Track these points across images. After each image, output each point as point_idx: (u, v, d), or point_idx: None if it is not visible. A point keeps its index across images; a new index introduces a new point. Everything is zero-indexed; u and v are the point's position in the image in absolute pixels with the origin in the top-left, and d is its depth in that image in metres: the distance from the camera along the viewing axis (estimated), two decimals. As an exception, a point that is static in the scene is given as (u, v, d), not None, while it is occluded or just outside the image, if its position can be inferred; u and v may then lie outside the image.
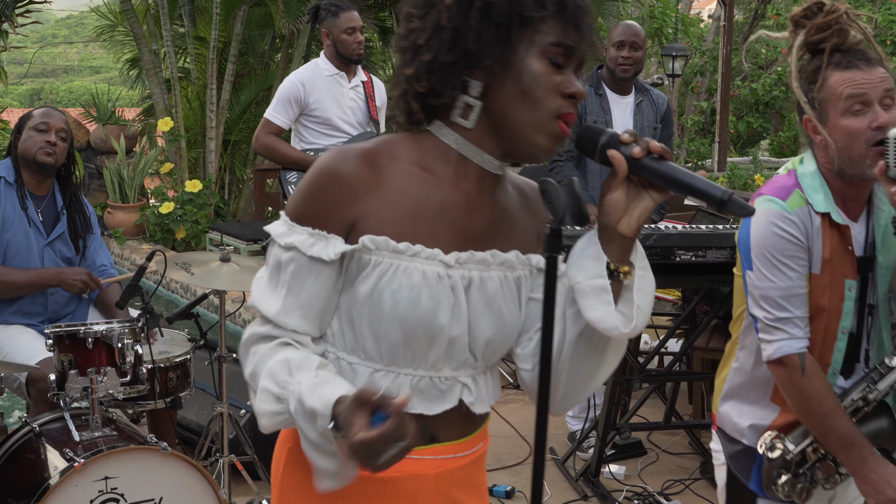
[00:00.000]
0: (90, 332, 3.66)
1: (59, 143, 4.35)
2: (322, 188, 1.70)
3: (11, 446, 3.64)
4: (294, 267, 1.70)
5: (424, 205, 1.73)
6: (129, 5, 12.30)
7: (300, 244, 1.69)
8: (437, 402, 1.78)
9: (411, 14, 1.72)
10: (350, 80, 5.50)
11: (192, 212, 10.81)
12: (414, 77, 1.70)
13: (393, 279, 1.68)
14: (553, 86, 1.66)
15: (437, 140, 1.75)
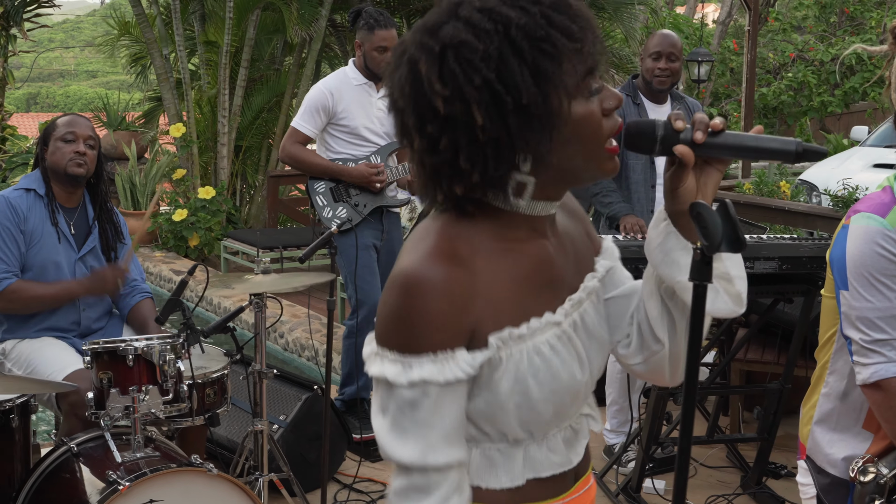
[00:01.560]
0: (130, 349, 3.55)
1: (88, 152, 4.23)
2: (425, 311, 1.51)
3: (48, 467, 3.54)
4: (429, 401, 1.52)
5: (520, 279, 1.61)
6: (140, 10, 12.23)
7: (430, 376, 1.50)
8: (579, 444, 1.73)
9: (428, 131, 1.53)
10: (378, 90, 5.41)
11: (205, 219, 10.72)
12: (468, 191, 1.55)
13: (530, 365, 1.58)
14: (598, 117, 1.56)
15: (497, 209, 1.61)
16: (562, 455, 1.68)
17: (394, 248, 5.55)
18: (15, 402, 3.60)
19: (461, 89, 1.48)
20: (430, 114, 1.51)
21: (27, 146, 12.26)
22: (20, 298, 4.12)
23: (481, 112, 1.48)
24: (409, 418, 1.52)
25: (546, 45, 1.48)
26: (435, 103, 1.50)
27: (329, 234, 4.32)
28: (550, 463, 1.66)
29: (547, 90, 1.48)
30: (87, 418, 3.69)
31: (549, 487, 1.69)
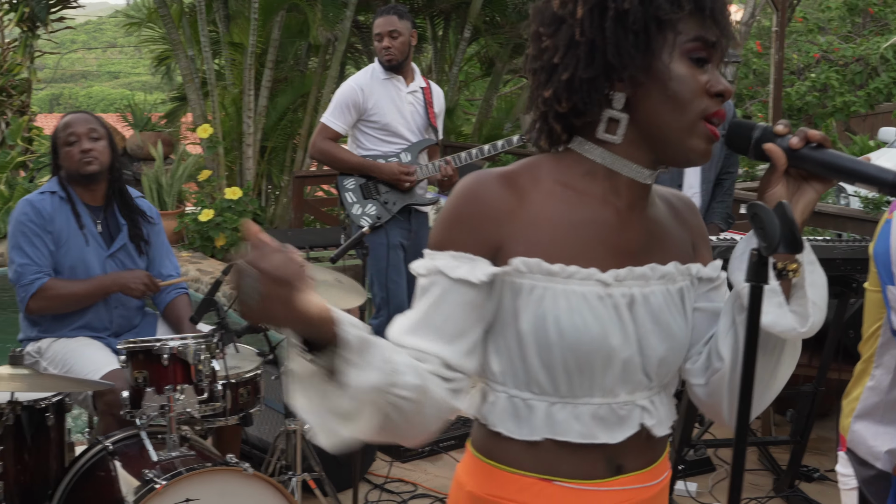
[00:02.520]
0: (165, 348, 3.56)
1: (94, 146, 4.23)
2: (463, 212, 1.63)
3: (84, 465, 3.55)
4: (437, 290, 1.61)
5: (573, 224, 1.63)
6: (165, 11, 12.27)
7: (444, 267, 1.60)
8: (619, 429, 1.68)
9: (540, 32, 1.64)
10: (408, 85, 5.41)
11: (231, 219, 10.72)
12: (553, 98, 1.61)
13: (553, 304, 1.59)
14: (699, 86, 1.58)
15: (580, 157, 1.67)
16: (585, 427, 1.65)
17: (421, 248, 5.51)
18: (51, 400, 3.61)
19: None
20: (549, 18, 1.63)
21: (54, 146, 12.30)
22: (55, 296, 4.14)
23: (584, 9, 1.57)
24: (415, 306, 1.64)
25: None
26: (552, 4, 1.62)
27: (361, 235, 4.32)
28: (570, 428, 1.64)
29: (649, 14, 1.55)
30: (122, 417, 3.70)
31: (573, 464, 1.66)
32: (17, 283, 4.15)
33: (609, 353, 1.62)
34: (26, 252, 4.12)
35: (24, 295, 4.13)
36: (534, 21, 1.66)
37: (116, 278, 4.23)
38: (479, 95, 17.82)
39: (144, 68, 61.96)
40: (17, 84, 13.01)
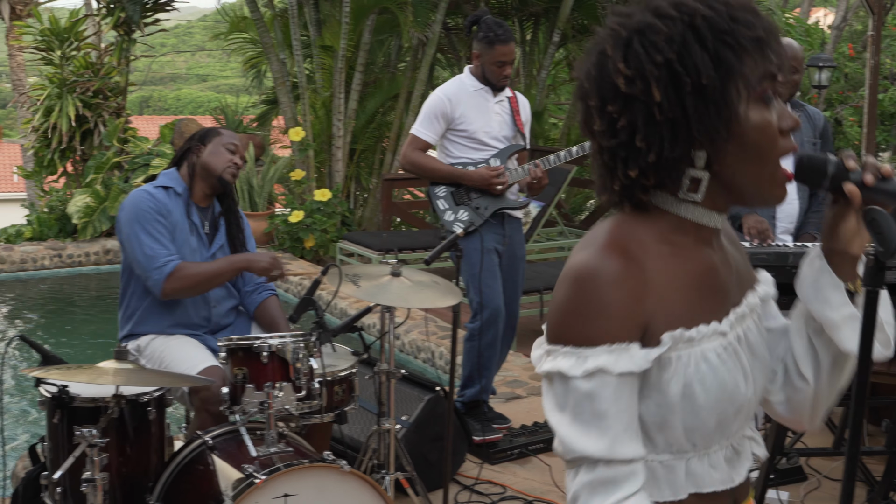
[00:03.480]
0: (265, 346, 3.62)
1: (241, 165, 4.45)
2: (598, 301, 1.53)
3: (184, 459, 3.62)
4: (608, 392, 1.52)
5: (688, 283, 1.62)
6: (258, 14, 12.44)
7: (606, 366, 1.52)
8: (741, 465, 1.70)
9: (609, 110, 1.57)
10: (496, 95, 5.43)
11: (321, 220, 10.85)
12: (641, 176, 1.58)
13: (696, 370, 1.58)
14: (775, 130, 1.57)
15: (665, 213, 1.64)
16: (723, 472, 1.66)
17: (515, 253, 5.56)
18: (152, 395, 3.70)
19: (643, 68, 1.53)
20: (612, 94, 1.57)
21: (147, 148, 12.54)
22: (188, 276, 4.22)
23: (660, 90, 1.53)
24: (588, 411, 1.53)
25: (728, 38, 1.52)
26: (617, 82, 1.55)
27: (455, 237, 4.36)
28: (711, 479, 1.65)
29: (725, 78, 1.52)
30: (219, 413, 3.77)
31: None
32: (150, 266, 4.19)
33: (741, 403, 1.63)
34: (154, 237, 4.21)
35: (159, 277, 4.19)
36: (593, 94, 1.60)
37: (244, 256, 4.38)
38: (564, 99, 17.78)
39: (232, 71, 62.84)
40: (112, 87, 13.28)
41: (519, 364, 6.88)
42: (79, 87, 12.83)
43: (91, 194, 11.65)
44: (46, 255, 11.19)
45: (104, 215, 11.50)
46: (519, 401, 6.21)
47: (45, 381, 3.68)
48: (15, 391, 7.34)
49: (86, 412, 3.57)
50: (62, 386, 3.59)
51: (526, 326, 7.90)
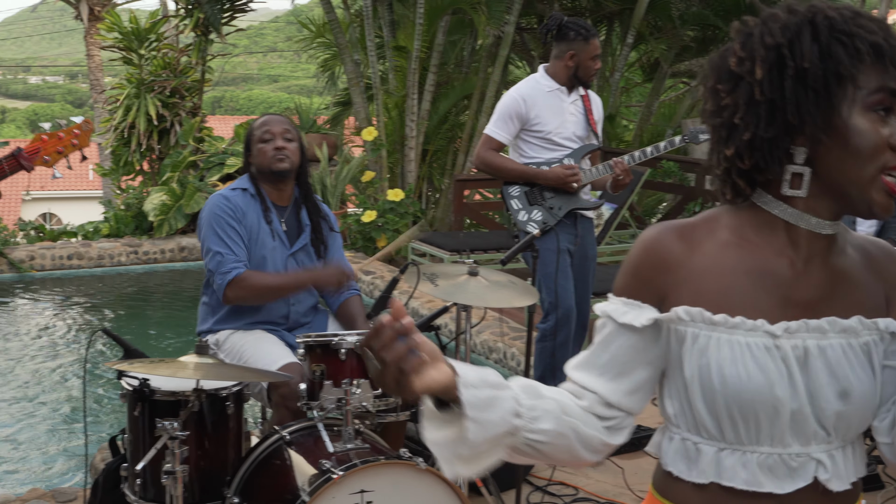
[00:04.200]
0: (343, 343, 3.65)
1: (287, 146, 4.39)
2: (637, 262, 1.76)
3: (261, 453, 3.65)
4: (605, 332, 1.76)
5: (743, 275, 1.68)
6: (333, 16, 12.54)
7: (613, 312, 1.75)
8: (789, 481, 1.67)
9: (718, 89, 1.67)
10: (570, 95, 5.42)
11: (393, 221, 10.90)
12: (736, 156, 1.65)
13: (716, 353, 1.64)
14: (882, 140, 1.57)
15: (759, 210, 1.70)
16: (752, 475, 1.66)
17: (587, 253, 5.55)
18: (231, 389, 3.74)
19: (753, 50, 1.62)
20: (724, 75, 1.66)
21: (222, 147, 12.70)
22: (251, 286, 4.28)
23: (763, 69, 1.59)
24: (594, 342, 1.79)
25: (844, 38, 1.56)
26: (730, 63, 1.65)
27: (531, 238, 4.35)
28: (736, 475, 1.66)
29: (830, 71, 1.56)
30: (297, 409, 3.81)
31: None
32: (216, 270, 4.28)
33: (774, 404, 1.63)
34: (224, 242, 4.28)
35: (222, 282, 4.26)
36: (711, 76, 1.69)
37: (311, 274, 4.39)
38: (635, 102, 17.67)
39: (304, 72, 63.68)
40: (189, 87, 13.47)
41: (591, 366, 6.84)
42: (156, 87, 13.02)
43: (167, 192, 11.82)
44: (123, 251, 11.38)
45: (179, 213, 11.66)
46: (591, 402, 6.17)
47: (127, 374, 3.74)
48: (96, 383, 7.47)
49: (166, 405, 3.62)
50: (144, 379, 3.65)
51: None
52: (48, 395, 7.52)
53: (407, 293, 4.04)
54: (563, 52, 5.38)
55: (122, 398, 3.80)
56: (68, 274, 11.08)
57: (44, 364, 8.31)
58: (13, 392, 7.60)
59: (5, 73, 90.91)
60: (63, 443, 6.55)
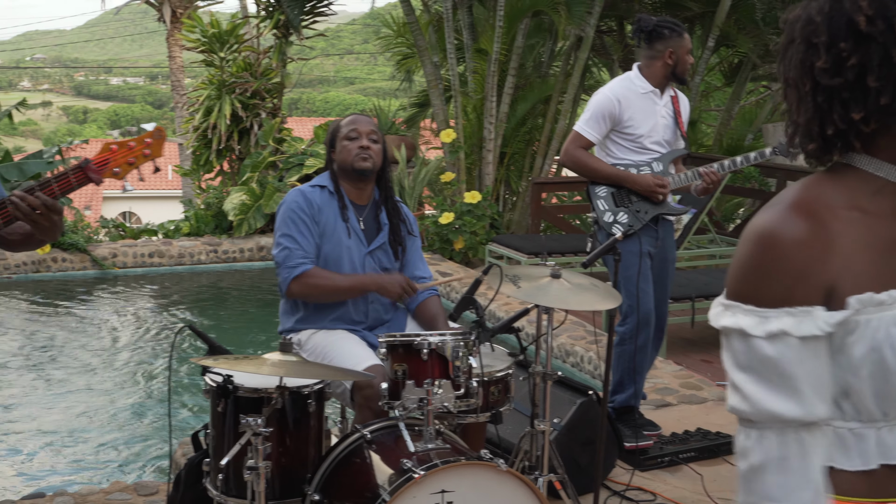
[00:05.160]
0: (425, 343, 3.65)
1: (371, 146, 4.42)
2: (781, 261, 1.54)
3: (342, 451, 3.67)
4: (791, 354, 1.54)
5: (877, 247, 1.58)
6: (413, 18, 12.59)
7: (789, 329, 1.53)
8: None
9: (841, 48, 1.55)
10: (662, 98, 5.37)
11: (470, 223, 10.91)
12: (863, 120, 1.55)
13: (888, 335, 1.54)
14: None
15: (865, 175, 1.60)
16: None
17: (666, 256, 5.51)
18: (313, 388, 3.76)
19: (887, 9, 1.51)
20: (846, 32, 1.54)
21: (302, 148, 12.81)
22: (315, 284, 4.32)
23: None
24: (775, 373, 1.54)
25: None
26: (856, 20, 1.53)
27: (614, 241, 4.33)
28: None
29: None
30: (379, 409, 3.82)
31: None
32: (283, 264, 4.33)
33: None
34: (294, 237, 4.33)
35: (287, 276, 4.32)
36: (822, 30, 1.57)
37: (376, 279, 4.39)
38: (713, 106, 17.51)
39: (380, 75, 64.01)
40: (270, 88, 13.60)
41: (669, 371, 6.80)
42: (237, 89, 13.18)
43: (247, 192, 11.95)
44: (203, 250, 11.53)
45: (259, 213, 11.79)
46: (669, 408, 6.13)
47: (211, 370, 3.79)
48: (179, 379, 7.58)
49: (249, 402, 3.66)
50: (227, 375, 3.69)
51: (676, 334, 7.82)
52: (130, 390, 7.65)
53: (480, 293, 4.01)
54: (660, 51, 5.33)
55: (205, 394, 3.84)
56: (149, 271, 11.27)
57: (127, 359, 8.46)
58: (97, 386, 7.74)
59: (87, 74, 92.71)
60: (145, 437, 6.66)
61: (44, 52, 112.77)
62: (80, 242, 10.99)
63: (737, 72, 14.26)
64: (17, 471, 6.08)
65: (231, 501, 3.70)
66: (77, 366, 8.24)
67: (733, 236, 10.78)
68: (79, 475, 6.04)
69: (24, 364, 8.24)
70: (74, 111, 75.66)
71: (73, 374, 8.02)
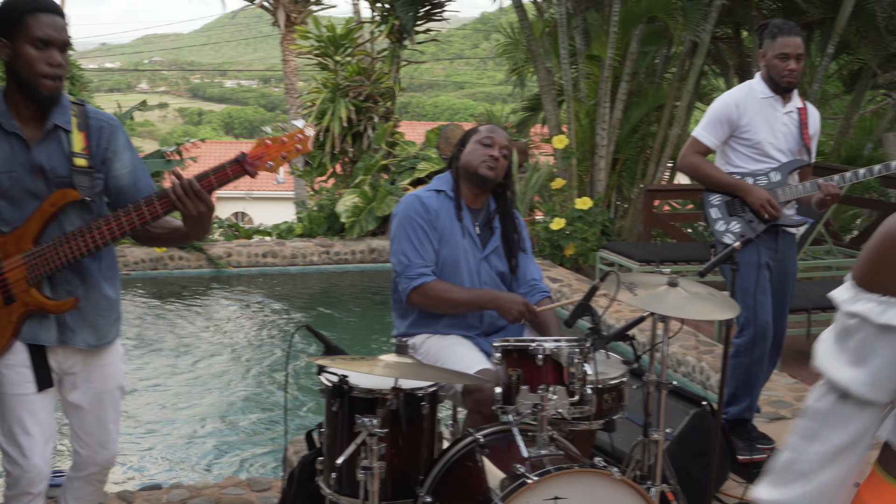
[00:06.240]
0: (540, 349, 3.65)
1: (500, 159, 4.43)
2: (884, 250, 1.64)
3: (455, 455, 3.68)
4: (863, 335, 1.64)
5: None
6: (527, 23, 12.59)
7: (867, 312, 1.63)
8: None
9: None
10: (784, 105, 5.27)
11: (581, 229, 10.86)
12: None
13: None
14: None
15: None
16: None
17: (787, 269, 5.41)
18: (426, 390, 3.78)
19: None
20: None
21: (414, 151, 12.90)
22: (435, 297, 4.36)
23: None
24: (845, 342, 1.67)
25: None
26: None
27: (732, 250, 4.27)
28: None
29: None
30: (491, 413, 3.82)
31: None
32: (402, 273, 4.38)
33: None
34: (414, 245, 4.36)
35: (407, 286, 4.36)
36: None
37: (496, 297, 4.38)
38: (830, 114, 17.15)
39: (489, 80, 64.16)
40: (382, 92, 13.73)
41: (784, 384, 6.67)
42: (351, 92, 13.32)
43: (359, 195, 12.07)
44: (315, 251, 11.67)
45: (371, 215, 11.89)
46: (783, 422, 6.02)
47: (326, 370, 3.83)
48: (293, 377, 7.68)
49: (363, 402, 3.69)
50: (343, 376, 3.73)
51: (792, 347, 7.65)
52: (244, 387, 7.77)
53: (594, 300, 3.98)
54: (760, 52, 5.27)
55: (320, 393, 3.89)
56: (263, 271, 11.45)
57: (241, 356, 8.61)
58: (213, 382, 7.89)
59: (203, 76, 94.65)
60: (257, 433, 6.77)
61: (161, 55, 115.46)
62: (196, 241, 11.20)
63: (856, 79, 13.94)
64: (134, 462, 6.23)
65: (343, 500, 3.73)
66: (193, 362, 8.42)
67: (850, 247, 10.55)
68: (193, 469, 6.17)
69: (141, 360, 8.44)
70: (190, 113, 77.26)
71: (190, 371, 8.19)
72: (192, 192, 3.33)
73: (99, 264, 3.57)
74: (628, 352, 4.23)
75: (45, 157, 3.42)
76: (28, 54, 3.29)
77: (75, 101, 3.52)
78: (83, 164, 3.45)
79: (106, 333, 3.63)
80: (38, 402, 3.52)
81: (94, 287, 3.56)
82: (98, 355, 3.64)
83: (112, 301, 3.64)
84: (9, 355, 3.47)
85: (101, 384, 3.66)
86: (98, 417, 3.68)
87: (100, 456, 3.73)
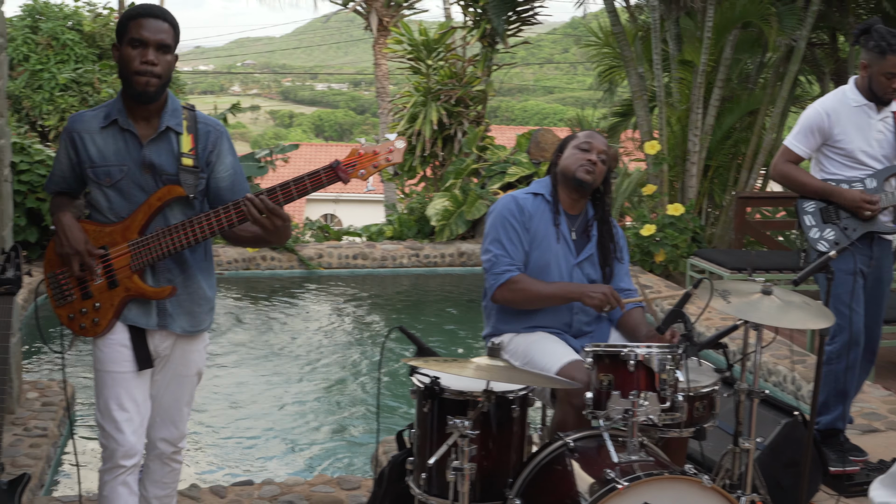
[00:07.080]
0: (632, 355, 3.65)
1: (598, 164, 4.44)
2: None
3: (544, 458, 3.70)
4: None
5: None
6: (619, 28, 12.55)
7: None
8: None
9: None
10: (879, 112, 5.19)
11: (672, 235, 10.79)
12: None
13: None
14: None
15: None
16: None
17: (882, 277, 5.33)
18: (517, 393, 3.80)
19: None
20: None
21: (504, 156, 12.93)
22: (520, 290, 4.38)
23: None
24: None
25: None
26: None
27: (827, 258, 4.23)
28: None
29: None
30: (581, 406, 3.82)
31: None
32: (490, 270, 4.43)
33: None
34: (503, 243, 4.41)
35: (494, 283, 4.40)
36: None
37: (580, 286, 4.40)
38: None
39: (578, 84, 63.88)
40: (474, 96, 13.78)
41: (878, 396, 6.57)
42: (442, 96, 13.39)
43: (449, 198, 12.13)
44: (405, 254, 11.77)
45: (461, 219, 11.94)
46: (876, 434, 5.93)
47: (418, 371, 3.87)
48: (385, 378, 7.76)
49: (454, 404, 3.72)
50: (434, 377, 3.77)
51: (885, 358, 7.54)
52: (336, 385, 7.87)
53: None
54: (861, 61, 5.18)
55: (412, 394, 3.93)
56: (353, 273, 11.57)
57: (334, 356, 8.71)
58: (306, 382, 8.00)
59: (294, 79, 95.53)
60: (347, 430, 6.85)
61: (254, 58, 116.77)
62: (288, 243, 11.38)
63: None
64: (228, 458, 6.34)
65: (433, 500, 3.76)
66: (286, 361, 8.54)
67: (949, 258, 10.31)
68: (285, 465, 6.26)
69: (235, 358, 8.58)
70: (281, 115, 78.02)
71: (283, 370, 8.31)
72: (266, 211, 3.52)
73: (197, 257, 3.80)
74: (719, 360, 4.22)
75: (155, 155, 3.65)
76: (126, 53, 3.56)
77: (186, 106, 3.76)
78: (189, 163, 3.68)
79: (201, 321, 3.86)
80: (135, 380, 3.75)
81: (192, 278, 3.79)
82: (189, 341, 3.86)
83: (207, 291, 3.86)
84: (110, 335, 3.71)
85: (184, 368, 3.89)
86: (175, 397, 3.90)
87: (170, 433, 3.93)
